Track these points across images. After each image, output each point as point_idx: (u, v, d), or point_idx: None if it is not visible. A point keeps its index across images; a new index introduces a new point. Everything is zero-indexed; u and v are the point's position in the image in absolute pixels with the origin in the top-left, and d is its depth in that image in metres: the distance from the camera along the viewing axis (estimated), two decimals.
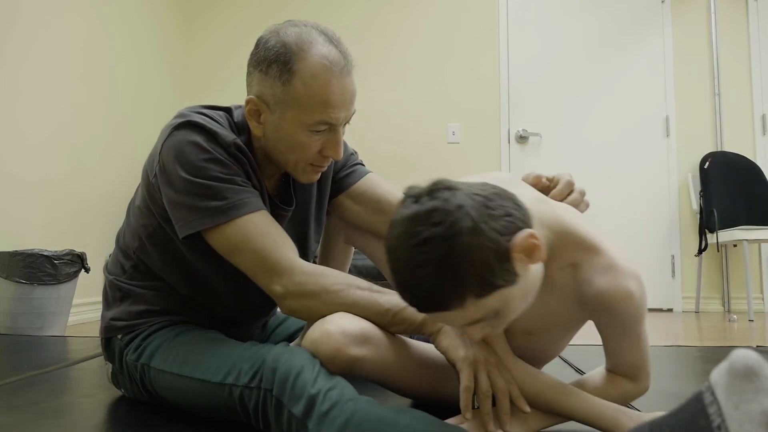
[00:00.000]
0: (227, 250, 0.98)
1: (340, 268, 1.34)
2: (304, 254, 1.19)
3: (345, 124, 1.04)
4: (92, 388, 1.29)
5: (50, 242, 2.70)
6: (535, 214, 0.84)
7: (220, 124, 1.02)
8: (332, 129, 1.01)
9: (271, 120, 1.00)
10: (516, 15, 4.00)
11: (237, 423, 0.99)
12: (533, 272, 0.78)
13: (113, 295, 1.15)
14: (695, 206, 3.72)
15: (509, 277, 0.73)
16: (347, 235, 1.33)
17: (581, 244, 0.88)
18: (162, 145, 1.00)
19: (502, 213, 0.73)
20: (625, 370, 0.95)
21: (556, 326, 0.94)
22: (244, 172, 1.01)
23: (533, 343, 0.96)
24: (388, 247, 0.73)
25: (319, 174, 1.07)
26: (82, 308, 2.93)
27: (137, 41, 3.48)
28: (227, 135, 0.99)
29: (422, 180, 3.90)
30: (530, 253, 0.74)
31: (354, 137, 3.93)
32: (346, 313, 0.94)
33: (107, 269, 1.19)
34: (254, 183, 1.04)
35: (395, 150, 3.92)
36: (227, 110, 1.08)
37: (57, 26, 2.79)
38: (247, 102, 1.01)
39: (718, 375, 0.57)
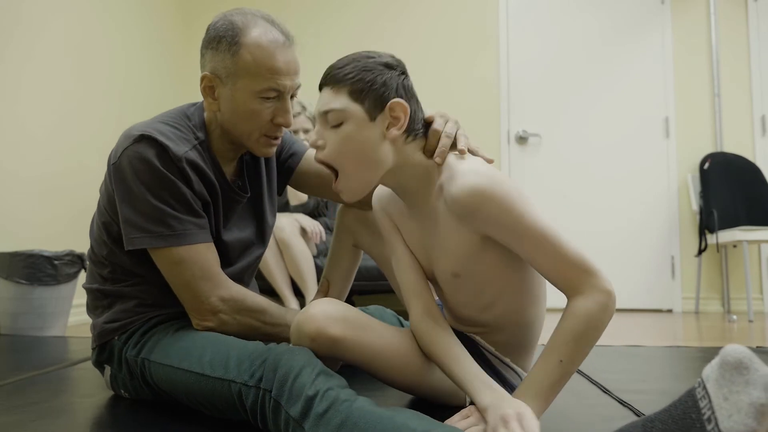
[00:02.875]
0: (164, 270, 1.07)
1: (348, 271, 1.37)
2: (262, 232, 1.27)
3: (292, 96, 1.12)
4: (92, 388, 1.29)
5: (50, 242, 2.71)
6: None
7: (179, 130, 1.10)
8: (280, 97, 1.09)
9: (224, 93, 1.08)
10: (516, 15, 4.00)
11: (236, 424, 0.99)
12: (379, 140, 0.95)
13: (100, 303, 1.17)
14: (695, 207, 3.72)
15: (370, 112, 0.94)
16: (356, 239, 1.34)
17: (443, 168, 0.97)
18: (119, 156, 1.06)
19: (410, 88, 1.00)
20: (567, 283, 0.90)
21: (468, 260, 0.97)
22: (196, 182, 1.08)
23: (467, 287, 1.00)
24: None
25: (275, 147, 1.15)
26: (82, 308, 2.93)
27: (137, 40, 3.48)
28: (178, 149, 1.06)
29: None
30: (395, 117, 0.95)
31: None
32: (331, 299, 0.99)
33: (87, 285, 1.20)
34: (208, 186, 1.11)
35: None
36: (184, 114, 1.15)
37: (57, 25, 2.79)
38: (202, 79, 1.09)
39: (710, 370, 0.59)
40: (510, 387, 1.04)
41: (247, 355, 0.93)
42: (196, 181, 1.08)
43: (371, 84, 0.95)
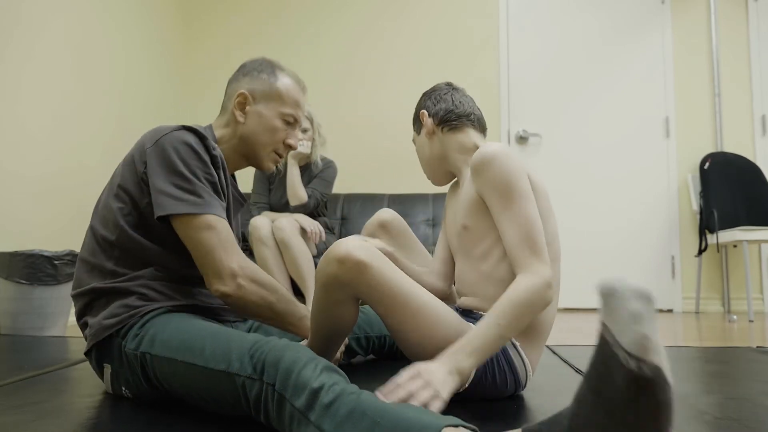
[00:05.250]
0: (191, 236, 1.14)
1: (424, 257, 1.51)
2: (238, 233, 1.44)
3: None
4: (92, 388, 1.29)
5: (50, 242, 2.71)
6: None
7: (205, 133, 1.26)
8: (294, 125, 1.36)
9: (254, 110, 1.32)
10: (516, 15, 4.00)
11: (240, 423, 0.99)
12: (434, 143, 1.33)
13: (97, 303, 1.17)
14: (695, 207, 3.72)
15: (416, 127, 1.38)
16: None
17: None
18: (158, 139, 1.17)
19: (436, 97, 1.34)
20: (518, 260, 1.05)
21: (473, 214, 1.17)
22: (221, 176, 1.24)
23: (471, 237, 1.19)
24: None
25: (276, 165, 1.39)
26: None
27: (137, 41, 3.48)
28: (212, 143, 1.23)
29: (421, 181, 3.91)
30: (423, 122, 1.33)
31: (354, 138, 3.94)
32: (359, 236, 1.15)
33: (77, 289, 1.20)
34: (226, 181, 1.28)
35: (395, 150, 3.92)
36: (197, 126, 1.29)
37: (57, 25, 2.79)
38: (238, 95, 1.32)
39: (599, 312, 0.67)
40: (512, 370, 1.12)
41: (247, 348, 0.94)
42: (221, 175, 1.24)
43: (414, 114, 1.39)
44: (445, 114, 1.30)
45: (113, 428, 0.98)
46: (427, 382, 0.92)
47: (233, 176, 1.40)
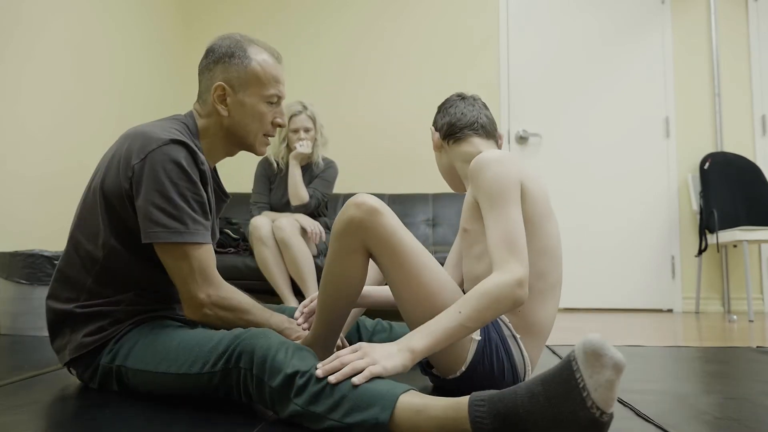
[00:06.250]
0: (168, 263, 1.17)
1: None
2: (213, 230, 1.40)
3: None
4: (92, 388, 1.29)
5: (50, 242, 2.71)
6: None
7: (187, 137, 1.24)
8: (279, 102, 1.32)
9: (235, 100, 1.27)
10: (516, 15, 4.00)
11: (236, 419, 0.99)
12: (442, 155, 1.39)
13: (74, 321, 1.21)
14: (695, 207, 3.72)
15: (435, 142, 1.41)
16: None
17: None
18: (146, 155, 1.15)
19: (443, 112, 1.39)
20: (493, 255, 1.09)
21: (471, 217, 1.24)
22: (209, 187, 1.24)
23: (470, 239, 1.25)
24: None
25: (267, 146, 1.38)
26: None
27: (137, 40, 3.48)
28: (200, 155, 1.21)
29: (421, 181, 3.91)
30: (434, 140, 1.40)
31: (354, 138, 3.93)
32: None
33: (54, 306, 1.23)
34: (212, 187, 1.28)
35: (395, 150, 3.92)
36: (181, 122, 1.29)
37: (57, 25, 2.79)
38: (215, 88, 1.26)
39: (579, 351, 0.80)
40: (510, 360, 1.14)
41: (218, 345, 1.06)
42: (209, 191, 1.24)
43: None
44: (448, 128, 1.36)
45: (113, 428, 0.98)
46: (365, 353, 0.97)
47: (215, 169, 1.38)
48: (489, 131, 1.37)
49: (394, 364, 0.96)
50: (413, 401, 0.89)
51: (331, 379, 0.92)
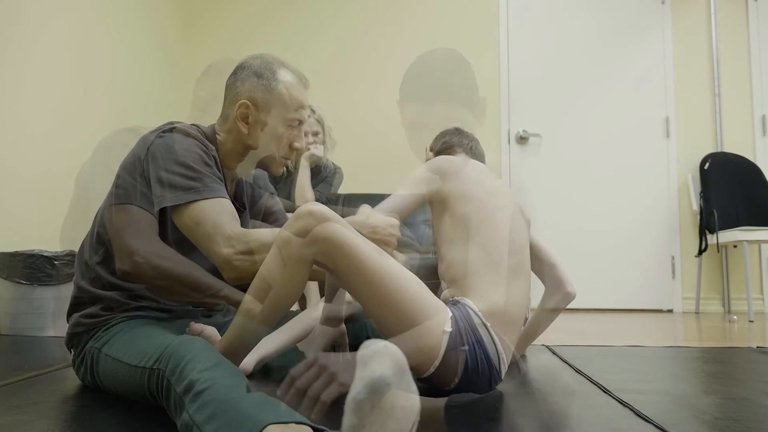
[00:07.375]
0: (189, 225, 1.16)
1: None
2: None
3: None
4: (92, 388, 1.29)
5: (50, 242, 2.70)
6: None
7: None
8: (300, 126, 1.34)
9: (257, 119, 1.29)
10: (516, 15, 4.00)
11: None
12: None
13: (82, 300, 1.26)
14: (695, 207, 3.72)
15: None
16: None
17: None
18: (155, 138, 1.22)
19: (454, 138, 1.74)
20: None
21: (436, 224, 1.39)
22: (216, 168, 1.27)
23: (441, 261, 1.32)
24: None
25: (284, 167, 1.39)
26: None
27: (137, 41, 3.48)
28: (207, 143, 1.27)
29: None
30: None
31: (354, 137, 3.93)
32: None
33: (75, 281, 1.29)
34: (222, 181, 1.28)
35: (395, 150, 3.92)
36: (195, 126, 1.31)
37: (57, 25, 2.79)
38: (239, 105, 1.28)
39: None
40: (484, 352, 1.14)
41: (159, 344, 1.02)
42: (216, 168, 1.26)
43: None
44: (440, 145, 1.71)
45: (114, 428, 0.98)
46: (322, 369, 0.99)
47: (242, 183, 1.44)
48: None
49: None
50: None
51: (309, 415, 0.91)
